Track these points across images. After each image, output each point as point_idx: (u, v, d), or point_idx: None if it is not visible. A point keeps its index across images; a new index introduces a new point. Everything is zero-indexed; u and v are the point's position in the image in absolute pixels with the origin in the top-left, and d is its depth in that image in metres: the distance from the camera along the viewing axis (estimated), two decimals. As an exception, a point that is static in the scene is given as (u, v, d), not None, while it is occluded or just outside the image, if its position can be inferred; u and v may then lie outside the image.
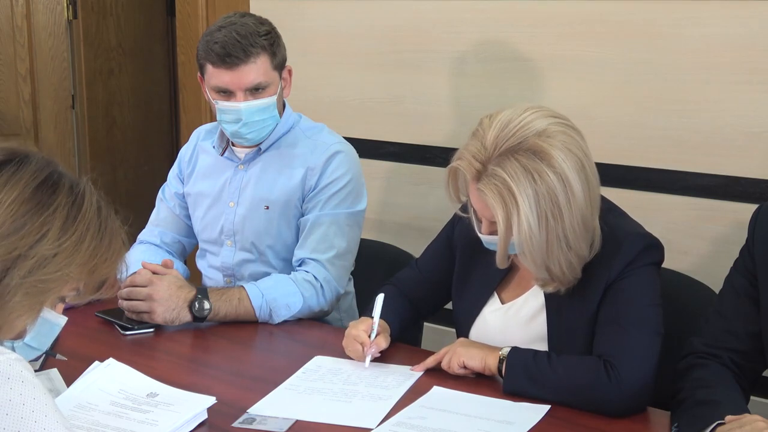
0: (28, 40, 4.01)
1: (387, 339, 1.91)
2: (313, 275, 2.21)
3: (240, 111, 2.19)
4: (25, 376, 1.19)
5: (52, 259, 1.20)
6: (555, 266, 1.70)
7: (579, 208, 1.67)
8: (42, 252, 1.20)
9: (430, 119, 2.95)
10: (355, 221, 2.30)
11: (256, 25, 2.19)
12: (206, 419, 1.62)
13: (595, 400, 1.66)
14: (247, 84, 2.17)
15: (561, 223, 1.66)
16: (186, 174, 2.44)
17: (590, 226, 1.71)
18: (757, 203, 1.79)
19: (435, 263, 2.07)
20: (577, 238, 1.69)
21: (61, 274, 1.22)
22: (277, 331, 2.12)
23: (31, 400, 1.17)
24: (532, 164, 1.65)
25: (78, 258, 1.23)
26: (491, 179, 1.66)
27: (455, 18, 2.87)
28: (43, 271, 1.20)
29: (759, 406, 1.86)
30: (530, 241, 1.66)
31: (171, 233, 2.46)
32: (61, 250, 1.21)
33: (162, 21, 4.42)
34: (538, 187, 1.64)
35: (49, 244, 1.20)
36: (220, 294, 2.12)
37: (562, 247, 1.68)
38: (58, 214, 1.22)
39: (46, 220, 1.21)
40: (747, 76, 2.37)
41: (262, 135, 2.27)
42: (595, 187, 1.72)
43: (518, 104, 1.74)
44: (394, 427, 1.61)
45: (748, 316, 1.69)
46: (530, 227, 1.65)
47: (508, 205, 1.65)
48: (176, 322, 2.07)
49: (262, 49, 2.17)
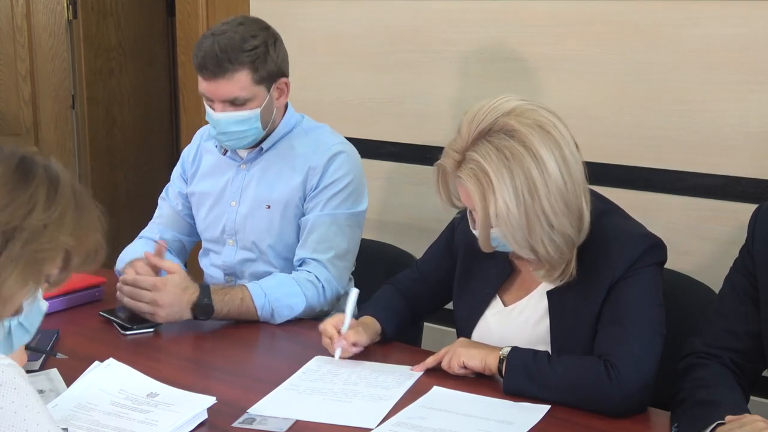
0: (28, 40, 4.01)
1: (360, 333, 1.91)
2: (315, 275, 2.21)
3: (216, 120, 2.20)
4: (18, 383, 1.18)
5: (43, 229, 1.25)
6: (539, 246, 1.70)
7: (555, 184, 1.67)
8: (34, 223, 1.24)
9: (430, 119, 2.95)
10: (356, 222, 2.30)
11: (245, 39, 2.15)
12: (206, 419, 1.62)
13: (596, 400, 1.66)
14: (223, 97, 2.17)
15: (539, 200, 1.66)
16: (189, 174, 2.45)
17: (573, 204, 1.70)
18: (757, 203, 1.79)
19: (434, 264, 2.07)
20: (558, 216, 1.68)
21: (54, 243, 1.27)
22: (277, 332, 2.12)
23: (23, 408, 1.17)
24: (503, 143, 1.66)
25: (65, 228, 1.28)
26: (468, 165, 1.68)
27: (455, 18, 2.87)
28: (39, 241, 1.25)
29: (759, 406, 1.86)
30: (508, 220, 1.67)
31: (171, 231, 2.46)
32: (50, 222, 1.26)
33: (162, 21, 4.42)
34: (511, 164, 1.65)
35: (39, 215, 1.25)
36: (223, 293, 2.11)
37: (543, 226, 1.68)
38: (40, 189, 1.27)
39: (32, 194, 1.26)
40: (747, 76, 2.37)
41: (242, 144, 2.28)
42: (574, 165, 1.70)
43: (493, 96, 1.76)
44: (394, 427, 1.61)
45: (748, 316, 1.69)
46: (507, 206, 1.66)
47: (483, 186, 1.66)
48: (178, 321, 2.07)
49: (240, 65, 2.14)
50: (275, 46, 2.21)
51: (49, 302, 2.18)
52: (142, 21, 4.36)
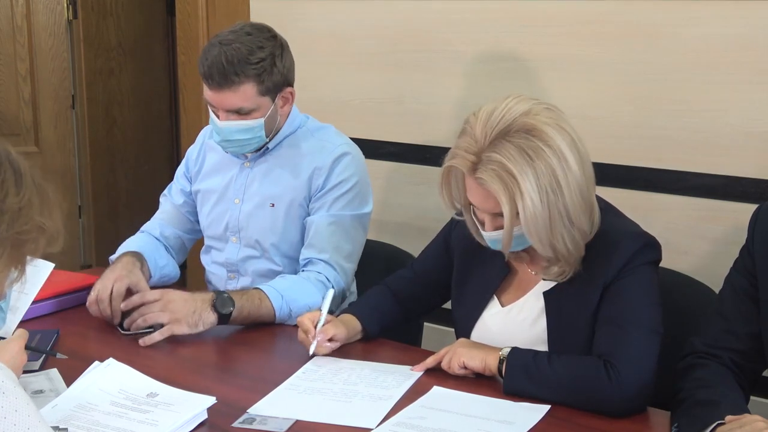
0: (28, 40, 4.01)
1: (339, 327, 1.92)
2: (324, 276, 2.21)
3: (220, 128, 2.20)
4: (7, 386, 1.17)
5: (19, 212, 1.29)
6: (560, 243, 1.71)
7: (576, 180, 1.69)
8: (11, 206, 1.28)
9: (430, 119, 2.95)
10: (360, 223, 2.30)
11: (252, 51, 2.13)
12: (206, 419, 1.62)
13: (595, 400, 1.67)
14: (228, 107, 2.16)
15: (561, 197, 1.67)
16: (194, 172, 2.46)
17: (588, 200, 1.73)
18: (757, 203, 1.79)
19: (430, 264, 2.07)
20: (578, 211, 1.70)
21: (32, 224, 1.31)
22: (277, 332, 2.12)
23: (13, 412, 1.16)
24: (525, 143, 1.66)
25: (35, 210, 1.32)
26: (488, 165, 1.67)
27: (455, 18, 2.87)
28: (19, 223, 1.29)
29: (759, 406, 1.86)
30: (535, 219, 1.67)
31: (171, 227, 2.46)
32: (23, 204, 1.30)
33: (162, 21, 4.42)
34: (536, 164, 1.66)
35: (13, 199, 1.29)
36: (240, 294, 2.10)
37: (564, 223, 1.69)
38: (8, 175, 1.30)
39: (3, 180, 1.29)
40: (747, 76, 2.37)
41: (245, 150, 2.28)
42: (588, 161, 1.74)
43: (498, 97, 1.76)
44: (394, 427, 1.61)
45: (748, 316, 1.69)
46: (534, 205, 1.66)
47: (510, 187, 1.66)
48: (200, 325, 2.02)
49: (246, 78, 2.13)
50: (282, 57, 2.20)
51: (48, 302, 2.19)
52: (142, 21, 4.36)
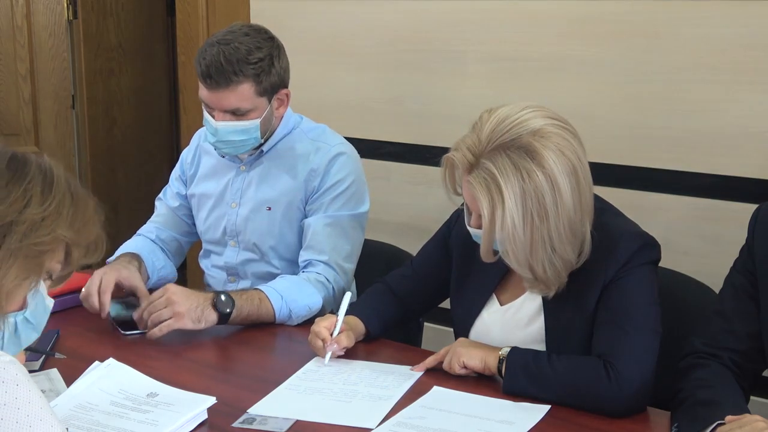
0: (28, 40, 4.01)
1: (350, 337, 1.92)
2: (324, 276, 2.21)
3: (215, 128, 2.19)
4: (20, 379, 1.19)
5: (41, 222, 1.28)
6: (538, 267, 1.70)
7: (566, 211, 1.67)
8: (31, 217, 1.27)
9: (430, 119, 2.95)
10: (358, 223, 2.30)
11: (250, 51, 2.13)
12: (206, 419, 1.62)
13: (595, 399, 1.66)
14: (225, 107, 2.16)
15: (546, 224, 1.66)
16: (189, 176, 2.45)
17: (578, 231, 1.71)
18: (757, 203, 1.78)
19: (429, 262, 2.07)
20: (563, 241, 1.68)
21: (53, 236, 1.30)
22: (277, 332, 2.12)
23: (26, 404, 1.17)
24: (522, 162, 1.65)
25: (62, 221, 1.31)
26: (481, 172, 1.67)
27: (455, 18, 2.87)
28: (36, 234, 1.27)
29: (759, 406, 1.86)
30: (513, 239, 1.66)
31: (168, 230, 2.46)
32: (47, 214, 1.29)
33: (162, 21, 4.43)
34: (525, 185, 1.64)
35: (35, 209, 1.28)
36: (239, 294, 2.10)
37: (546, 249, 1.68)
38: (35, 183, 1.29)
39: (26, 188, 1.28)
40: (747, 76, 2.37)
41: (239, 152, 2.28)
42: (587, 193, 1.71)
43: (520, 101, 1.74)
44: (394, 427, 1.61)
45: (748, 316, 1.69)
46: (514, 224, 1.65)
47: (494, 199, 1.65)
48: (203, 322, 2.02)
49: (245, 78, 2.12)
50: (279, 58, 2.19)
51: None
52: (142, 21, 4.36)
